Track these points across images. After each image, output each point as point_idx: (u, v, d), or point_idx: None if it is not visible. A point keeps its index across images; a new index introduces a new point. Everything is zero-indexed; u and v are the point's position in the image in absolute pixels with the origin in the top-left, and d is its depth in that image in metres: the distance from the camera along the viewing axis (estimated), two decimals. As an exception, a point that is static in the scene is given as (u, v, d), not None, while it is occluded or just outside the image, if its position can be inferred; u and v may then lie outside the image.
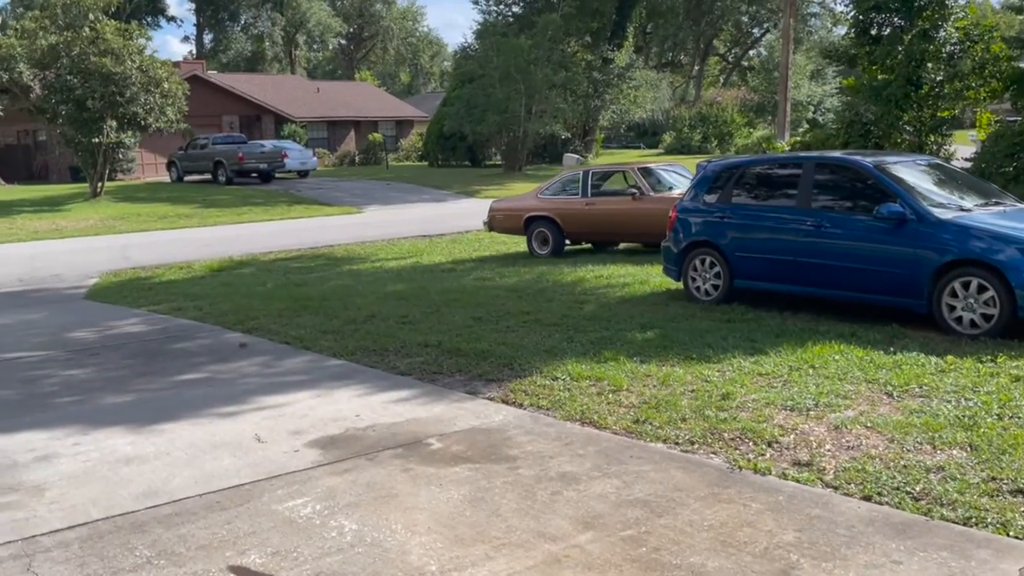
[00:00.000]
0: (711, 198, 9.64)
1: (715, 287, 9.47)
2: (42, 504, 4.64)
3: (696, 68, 63.87)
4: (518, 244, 15.58)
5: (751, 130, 45.34)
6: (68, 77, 25.25)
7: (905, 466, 4.66)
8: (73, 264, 15.49)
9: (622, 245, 14.61)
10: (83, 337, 9.21)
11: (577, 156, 29.46)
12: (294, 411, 6.19)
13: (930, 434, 5.07)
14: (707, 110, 48.03)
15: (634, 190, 13.38)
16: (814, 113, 49.60)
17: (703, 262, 9.57)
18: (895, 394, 5.86)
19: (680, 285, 9.98)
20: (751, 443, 5.18)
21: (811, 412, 5.58)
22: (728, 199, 9.45)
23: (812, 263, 8.47)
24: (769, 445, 5.14)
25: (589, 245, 14.82)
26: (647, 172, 13.91)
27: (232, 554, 3.97)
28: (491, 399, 6.33)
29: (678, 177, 14.14)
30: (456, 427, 5.71)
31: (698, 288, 9.64)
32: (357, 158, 46.23)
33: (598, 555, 3.83)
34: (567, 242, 14.46)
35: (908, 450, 4.88)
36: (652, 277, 11.21)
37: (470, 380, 6.85)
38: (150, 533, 4.22)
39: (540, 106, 34.55)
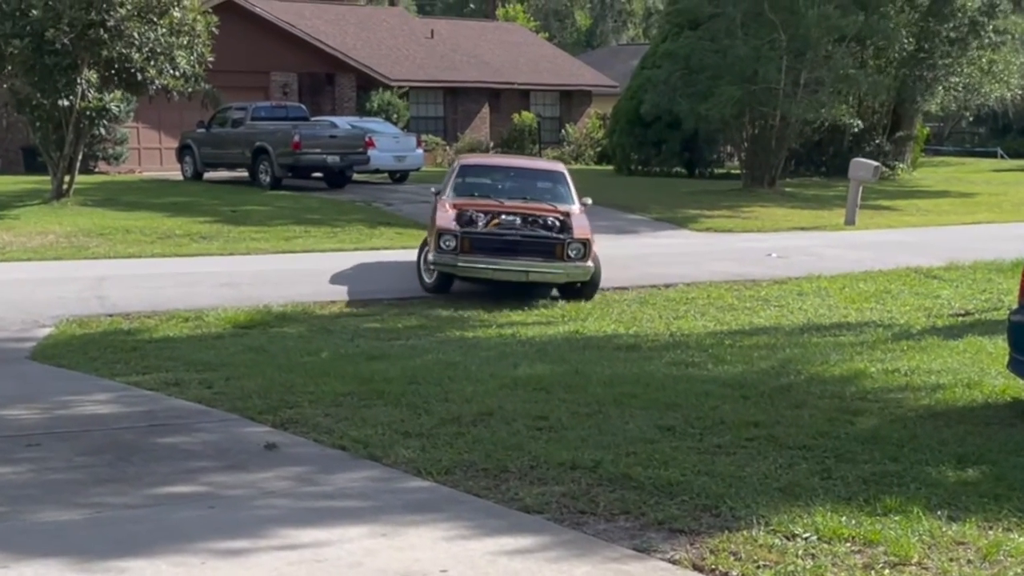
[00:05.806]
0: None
1: (1102, 399, 9.32)
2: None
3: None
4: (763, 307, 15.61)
5: None
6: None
7: None
8: (16, 304, 16.52)
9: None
10: (18, 417, 9.86)
11: (876, 164, 28.99)
12: (340, 556, 6.46)
13: None
14: None
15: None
16: None
17: (1083, 355, 9.44)
18: None
19: (1037, 392, 9.85)
20: None
21: None
22: None
23: None
24: None
25: None
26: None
27: None
28: (674, 562, 6.42)
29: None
30: (608, 602, 5.83)
31: (1070, 400, 9.49)
32: (492, 152, 47.25)
33: None
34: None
35: None
36: (987, 376, 11.03)
37: (642, 528, 6.96)
38: None
39: (814, 72, 34.42)
